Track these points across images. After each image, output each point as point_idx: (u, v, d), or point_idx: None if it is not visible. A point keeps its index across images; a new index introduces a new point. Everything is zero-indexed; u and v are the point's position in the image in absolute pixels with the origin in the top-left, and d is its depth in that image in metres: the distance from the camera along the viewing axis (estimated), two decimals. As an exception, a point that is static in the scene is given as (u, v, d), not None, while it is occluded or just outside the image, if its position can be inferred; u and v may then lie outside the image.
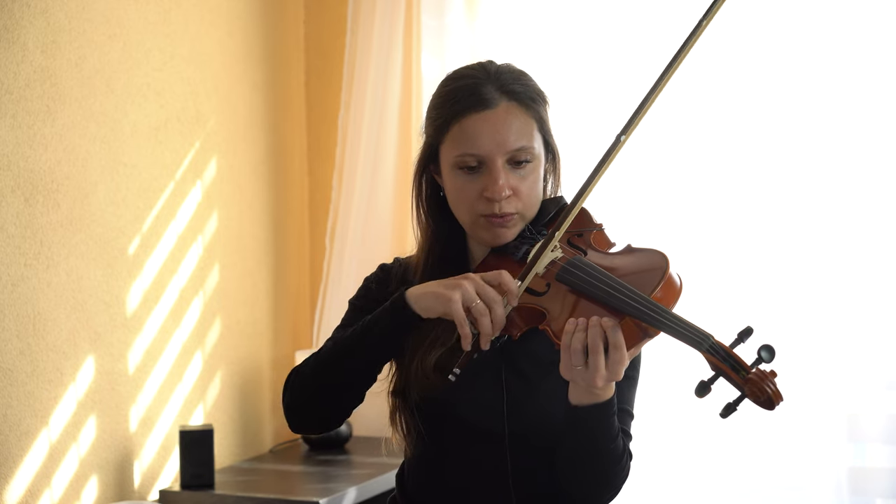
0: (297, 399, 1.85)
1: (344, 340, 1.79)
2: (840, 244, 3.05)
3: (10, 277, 2.62)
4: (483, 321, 1.64)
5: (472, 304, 1.64)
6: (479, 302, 1.64)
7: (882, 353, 3.01)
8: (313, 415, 1.86)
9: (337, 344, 1.81)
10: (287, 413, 1.87)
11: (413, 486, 1.95)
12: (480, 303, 1.64)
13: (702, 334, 1.54)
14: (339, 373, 1.79)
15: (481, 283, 1.66)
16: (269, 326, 3.58)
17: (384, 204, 3.50)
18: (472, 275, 1.68)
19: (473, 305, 1.64)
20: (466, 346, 1.64)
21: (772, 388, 1.49)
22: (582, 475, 1.77)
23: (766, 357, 1.51)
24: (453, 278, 1.69)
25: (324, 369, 1.81)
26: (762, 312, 3.08)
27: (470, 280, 1.67)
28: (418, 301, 1.71)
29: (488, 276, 1.68)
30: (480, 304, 1.64)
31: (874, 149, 3.04)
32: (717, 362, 1.53)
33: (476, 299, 1.65)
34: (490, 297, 1.65)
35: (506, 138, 1.79)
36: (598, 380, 1.61)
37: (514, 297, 1.66)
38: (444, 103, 1.83)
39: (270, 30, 3.61)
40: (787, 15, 3.10)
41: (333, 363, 1.80)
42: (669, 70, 1.70)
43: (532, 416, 1.82)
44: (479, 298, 1.65)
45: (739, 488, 3.14)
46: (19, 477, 2.63)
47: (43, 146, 2.71)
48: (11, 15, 2.62)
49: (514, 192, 1.80)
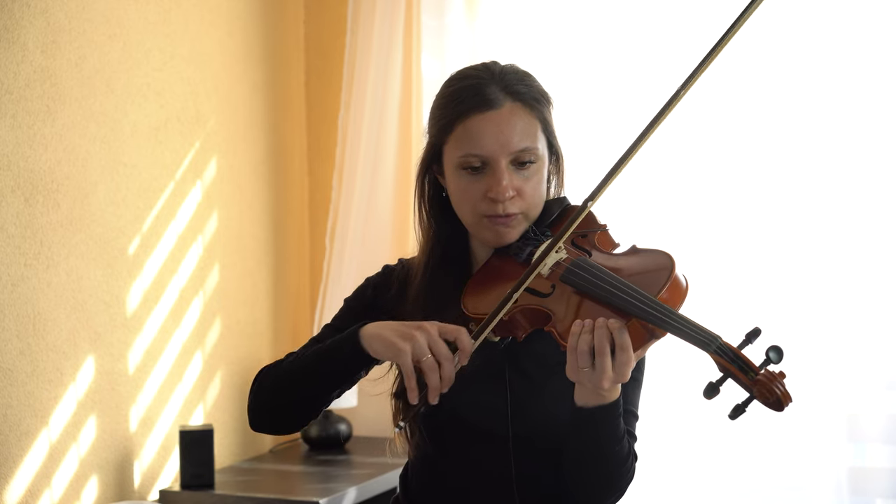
0: (256, 404, 1.87)
1: (302, 363, 1.79)
2: (840, 245, 3.05)
3: (10, 277, 2.61)
4: (431, 377, 1.61)
5: (423, 357, 1.62)
6: (429, 356, 1.62)
7: (882, 353, 3.01)
8: (268, 423, 1.88)
9: (296, 364, 1.81)
10: (248, 413, 1.90)
11: (416, 488, 1.94)
12: (430, 357, 1.62)
13: (710, 335, 1.54)
14: (294, 394, 1.81)
15: (435, 337, 1.64)
16: (269, 326, 3.58)
17: (384, 204, 3.50)
18: (429, 325, 1.65)
19: (424, 360, 1.62)
20: (413, 400, 1.63)
21: (781, 390, 1.49)
22: (587, 477, 1.77)
23: (775, 358, 1.50)
24: (409, 325, 1.67)
25: (281, 386, 1.82)
26: (762, 313, 3.07)
27: (424, 332, 1.64)
28: (370, 343, 1.69)
29: (446, 329, 1.65)
30: (430, 359, 1.62)
31: (872, 151, 3.04)
32: (726, 363, 1.52)
33: (426, 353, 1.62)
34: (442, 353, 1.63)
35: (510, 139, 1.78)
36: (605, 381, 1.61)
37: (466, 356, 1.64)
38: (448, 103, 1.83)
39: (270, 30, 3.61)
40: (791, 17, 3.10)
41: (290, 384, 1.81)
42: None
43: (536, 418, 1.82)
44: (430, 352, 1.62)
45: (739, 488, 3.14)
46: (19, 477, 2.63)
47: (43, 146, 2.71)
48: (11, 15, 2.62)
49: (518, 192, 1.79)
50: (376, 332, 1.69)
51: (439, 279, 1.88)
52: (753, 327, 1.56)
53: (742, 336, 1.56)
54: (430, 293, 1.88)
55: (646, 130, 1.68)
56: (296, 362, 1.82)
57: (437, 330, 1.65)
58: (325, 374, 1.76)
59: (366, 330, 1.71)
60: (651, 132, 1.68)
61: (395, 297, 1.93)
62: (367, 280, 2.00)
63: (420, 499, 1.93)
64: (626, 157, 1.69)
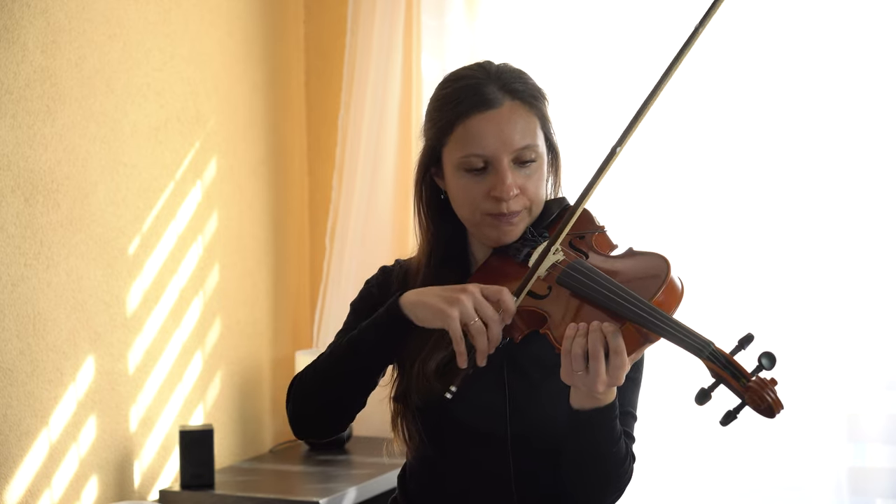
0: (300, 408, 1.85)
1: (340, 348, 1.78)
2: (839, 245, 3.05)
3: (10, 277, 2.61)
4: (480, 339, 1.61)
5: (471, 321, 1.62)
6: (477, 320, 1.62)
7: (882, 353, 3.01)
8: (317, 422, 1.86)
9: (334, 351, 1.80)
10: (292, 421, 1.87)
11: (415, 488, 1.94)
12: (479, 321, 1.62)
13: (702, 341, 1.54)
14: (337, 380, 1.79)
15: (480, 298, 1.63)
16: (269, 326, 3.58)
17: (384, 204, 3.50)
18: (472, 287, 1.65)
19: (472, 323, 1.62)
20: (462, 364, 1.62)
21: (772, 397, 1.48)
22: (585, 478, 1.77)
23: (767, 364, 1.50)
24: (452, 289, 1.66)
25: (322, 377, 1.80)
26: (762, 313, 3.07)
27: (469, 294, 1.63)
28: (414, 309, 1.69)
29: (488, 290, 1.65)
30: (479, 322, 1.62)
31: (869, 152, 3.04)
32: (718, 370, 1.52)
33: (474, 317, 1.62)
34: (488, 314, 1.63)
35: (511, 137, 1.78)
36: (599, 385, 1.60)
37: (510, 316, 1.64)
38: (446, 105, 1.82)
39: (270, 30, 3.61)
40: (787, 16, 3.10)
41: (331, 371, 1.79)
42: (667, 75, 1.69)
43: (534, 418, 1.82)
44: (476, 316, 1.62)
45: (739, 488, 3.14)
46: (19, 477, 2.63)
47: (43, 146, 2.71)
48: (11, 15, 2.62)
49: (521, 190, 1.80)
50: (418, 299, 1.68)
51: (438, 279, 1.88)
52: (746, 333, 1.55)
53: (735, 342, 1.55)
54: None
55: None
56: (330, 354, 1.79)
57: (479, 291, 1.64)
58: (366, 352, 1.74)
59: (406, 298, 1.70)
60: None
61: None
62: (367, 282, 2.00)
63: (419, 499, 1.93)
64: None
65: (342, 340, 1.80)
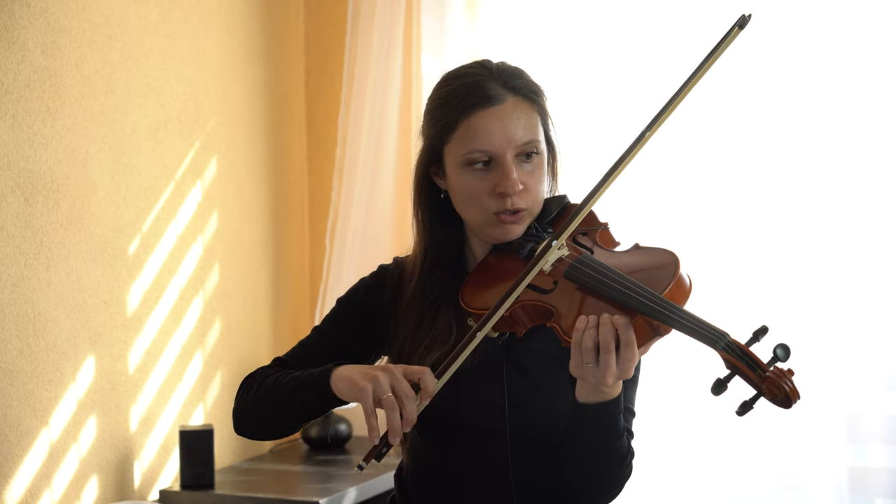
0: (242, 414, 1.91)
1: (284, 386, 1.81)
2: (839, 245, 3.05)
3: (10, 277, 2.61)
4: (391, 416, 1.62)
5: (383, 396, 1.62)
6: (389, 395, 1.62)
7: (882, 353, 3.01)
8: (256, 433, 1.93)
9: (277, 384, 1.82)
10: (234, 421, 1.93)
11: (413, 486, 1.94)
12: (391, 396, 1.62)
13: (718, 332, 1.54)
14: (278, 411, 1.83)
15: (398, 376, 1.64)
16: (269, 326, 3.58)
17: (384, 204, 3.50)
18: (393, 367, 1.66)
19: (384, 398, 1.62)
20: (373, 440, 1.63)
21: (790, 386, 1.48)
22: (586, 473, 1.77)
23: (782, 355, 1.50)
24: (375, 367, 1.68)
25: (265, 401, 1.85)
26: (762, 314, 3.07)
27: (387, 372, 1.65)
28: (337, 383, 1.71)
29: (411, 370, 1.66)
30: (391, 397, 1.62)
31: (874, 153, 3.04)
32: (734, 361, 1.52)
33: (387, 392, 1.62)
34: (403, 392, 1.63)
35: (515, 133, 1.79)
36: (609, 377, 1.61)
37: (429, 397, 1.64)
38: (448, 102, 1.83)
39: (270, 30, 3.61)
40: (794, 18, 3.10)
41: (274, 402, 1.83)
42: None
43: (534, 414, 1.82)
44: (390, 392, 1.63)
45: (739, 488, 3.14)
46: (19, 477, 2.63)
47: (43, 146, 2.71)
48: (11, 15, 2.62)
49: (524, 186, 1.80)
50: (343, 373, 1.70)
51: (435, 279, 1.88)
52: (761, 325, 1.56)
53: (749, 334, 1.55)
54: (426, 293, 1.88)
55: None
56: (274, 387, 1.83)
57: (401, 371, 1.65)
58: (298, 407, 1.79)
59: (336, 371, 1.72)
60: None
61: (391, 298, 1.93)
62: (360, 281, 2.01)
63: (417, 497, 1.93)
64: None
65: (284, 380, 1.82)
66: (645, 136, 1.68)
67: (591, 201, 1.71)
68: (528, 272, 1.69)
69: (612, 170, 1.70)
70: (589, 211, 1.79)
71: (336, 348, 1.95)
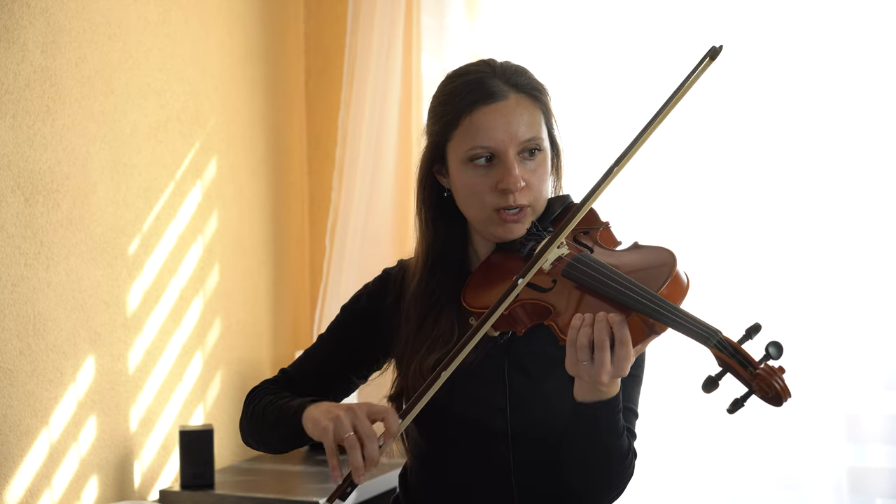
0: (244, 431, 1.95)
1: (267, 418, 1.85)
2: (839, 245, 3.06)
3: (10, 277, 2.61)
4: (353, 454, 1.62)
5: (345, 435, 1.63)
6: (351, 434, 1.63)
7: (882, 353, 3.01)
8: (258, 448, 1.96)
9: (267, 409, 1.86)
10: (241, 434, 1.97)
11: (416, 486, 1.95)
12: (352, 435, 1.63)
13: (710, 330, 1.54)
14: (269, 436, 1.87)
15: (361, 416, 1.64)
16: (269, 326, 3.58)
17: (384, 204, 3.50)
18: (357, 406, 1.66)
19: (346, 437, 1.63)
20: (335, 479, 1.64)
21: (780, 384, 1.49)
22: (587, 473, 1.77)
23: (774, 353, 1.50)
24: (339, 406, 1.69)
25: (256, 429, 1.90)
26: (762, 314, 3.07)
27: (349, 412, 1.65)
28: (306, 422, 1.73)
29: (375, 409, 1.66)
30: (352, 436, 1.62)
31: (872, 152, 3.04)
32: (725, 358, 1.53)
33: (349, 431, 1.63)
34: (365, 431, 1.63)
35: (517, 129, 1.79)
36: (604, 376, 1.61)
37: (392, 437, 1.65)
38: (451, 99, 1.83)
39: (270, 30, 3.61)
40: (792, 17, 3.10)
41: (261, 431, 1.88)
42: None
43: (535, 414, 1.82)
44: (352, 431, 1.63)
45: (739, 488, 3.14)
46: (19, 477, 2.63)
47: (43, 146, 2.71)
48: (11, 15, 2.62)
49: (526, 183, 1.80)
50: (311, 413, 1.72)
51: (438, 279, 1.88)
52: (753, 323, 1.56)
53: (742, 331, 1.56)
54: (428, 293, 1.88)
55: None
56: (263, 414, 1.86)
57: (364, 410, 1.65)
58: (282, 437, 1.83)
59: (306, 411, 1.74)
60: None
61: (393, 303, 1.93)
62: (363, 287, 2.00)
63: (419, 497, 1.93)
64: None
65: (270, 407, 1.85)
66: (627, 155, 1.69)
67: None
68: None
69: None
70: (590, 210, 1.79)
71: (341, 357, 1.95)
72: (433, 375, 1.67)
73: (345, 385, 1.98)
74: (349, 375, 1.97)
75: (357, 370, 1.97)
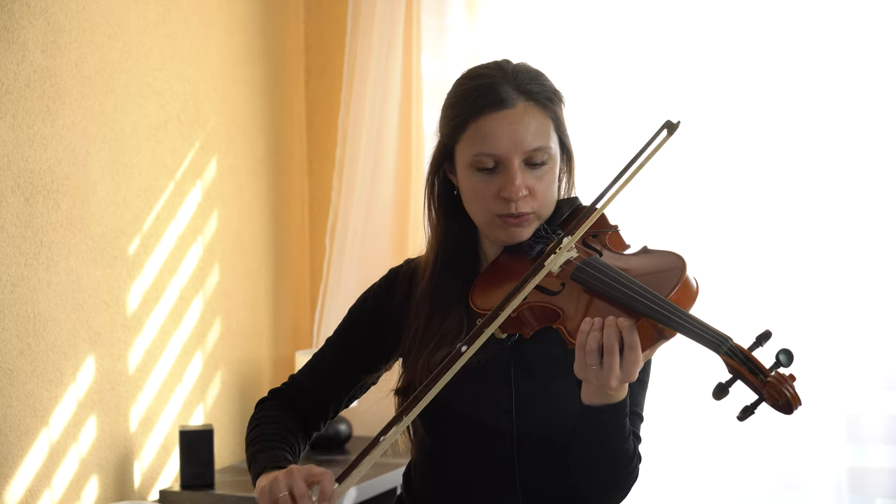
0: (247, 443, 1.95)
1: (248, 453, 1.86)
2: (839, 246, 3.06)
3: (10, 277, 2.61)
4: None
5: (279, 495, 1.64)
6: (284, 494, 1.64)
7: (882, 354, 3.02)
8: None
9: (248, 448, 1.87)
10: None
11: (420, 485, 1.94)
12: (286, 495, 1.64)
13: (721, 336, 1.53)
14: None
15: (297, 478, 1.65)
16: (269, 326, 3.58)
17: (384, 204, 3.50)
18: (295, 469, 1.68)
19: (280, 497, 1.64)
20: None
21: (791, 392, 1.47)
22: (592, 476, 1.77)
23: (785, 361, 1.50)
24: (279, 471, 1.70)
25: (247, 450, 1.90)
26: (762, 314, 3.07)
27: (287, 474, 1.66)
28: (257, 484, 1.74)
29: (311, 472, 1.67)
30: (286, 496, 1.64)
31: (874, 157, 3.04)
32: (736, 365, 1.51)
33: (283, 491, 1.64)
34: (300, 492, 1.64)
35: (523, 138, 1.78)
36: (613, 380, 1.60)
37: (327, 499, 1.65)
38: (461, 102, 1.82)
39: (270, 30, 3.61)
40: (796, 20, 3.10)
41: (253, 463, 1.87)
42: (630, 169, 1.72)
43: (541, 416, 1.81)
44: (286, 491, 1.64)
45: (739, 488, 3.14)
46: (19, 477, 2.63)
47: (43, 146, 2.71)
48: (11, 15, 2.62)
49: (531, 192, 1.79)
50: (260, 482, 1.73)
51: (448, 276, 1.87)
52: (764, 330, 1.55)
53: (752, 338, 1.55)
54: (437, 290, 1.88)
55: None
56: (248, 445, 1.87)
57: (303, 473, 1.66)
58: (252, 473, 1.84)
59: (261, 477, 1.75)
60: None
61: (402, 302, 1.92)
62: (369, 289, 1.99)
63: (423, 496, 1.93)
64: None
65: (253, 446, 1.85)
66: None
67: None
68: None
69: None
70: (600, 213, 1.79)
71: (350, 360, 1.94)
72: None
73: (356, 386, 1.97)
74: (360, 376, 1.96)
75: (368, 370, 1.96)
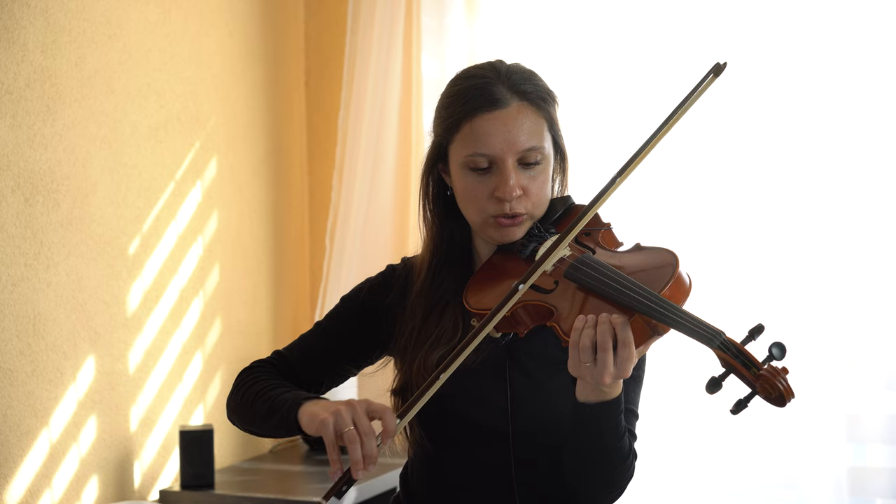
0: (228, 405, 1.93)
1: (259, 406, 1.82)
2: (839, 245, 3.06)
3: (10, 277, 2.61)
4: (353, 448, 1.61)
5: (345, 429, 1.62)
6: (351, 428, 1.62)
7: (882, 353, 3.01)
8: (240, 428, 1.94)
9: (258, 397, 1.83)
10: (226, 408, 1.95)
11: (417, 485, 1.95)
12: (352, 430, 1.62)
13: (713, 331, 1.54)
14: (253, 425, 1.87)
15: (360, 412, 1.63)
16: (269, 326, 3.58)
17: (384, 204, 3.50)
18: (357, 402, 1.65)
19: (346, 431, 1.62)
20: (334, 475, 1.63)
21: (784, 385, 1.48)
22: (588, 473, 1.77)
23: (778, 354, 1.51)
24: (339, 402, 1.68)
25: (245, 413, 1.87)
26: (762, 314, 3.07)
27: (349, 407, 1.64)
28: (302, 416, 1.71)
29: (374, 407, 1.65)
30: (352, 430, 1.62)
31: (873, 153, 3.04)
32: (729, 359, 1.52)
33: (349, 425, 1.62)
34: (363, 427, 1.62)
35: (517, 138, 1.78)
36: (607, 377, 1.61)
37: (389, 436, 1.64)
38: (455, 102, 1.83)
39: (270, 30, 3.61)
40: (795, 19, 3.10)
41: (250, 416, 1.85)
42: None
43: (537, 415, 1.82)
44: (352, 425, 1.62)
45: (739, 487, 3.14)
46: (19, 477, 2.63)
47: (43, 146, 2.71)
48: (11, 15, 2.62)
49: (524, 191, 1.80)
50: (308, 408, 1.70)
51: (442, 276, 1.88)
52: (757, 324, 1.56)
53: (745, 332, 1.56)
54: (432, 290, 1.88)
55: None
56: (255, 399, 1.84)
57: (364, 407, 1.64)
58: (274, 426, 1.80)
59: (303, 406, 1.72)
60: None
61: (397, 298, 1.93)
62: (366, 280, 2.00)
63: (420, 496, 1.93)
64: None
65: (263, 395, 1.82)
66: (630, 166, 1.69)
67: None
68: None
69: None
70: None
71: (337, 347, 1.95)
72: (433, 376, 1.67)
73: (338, 374, 1.97)
74: (344, 365, 1.97)
75: (352, 360, 1.97)
